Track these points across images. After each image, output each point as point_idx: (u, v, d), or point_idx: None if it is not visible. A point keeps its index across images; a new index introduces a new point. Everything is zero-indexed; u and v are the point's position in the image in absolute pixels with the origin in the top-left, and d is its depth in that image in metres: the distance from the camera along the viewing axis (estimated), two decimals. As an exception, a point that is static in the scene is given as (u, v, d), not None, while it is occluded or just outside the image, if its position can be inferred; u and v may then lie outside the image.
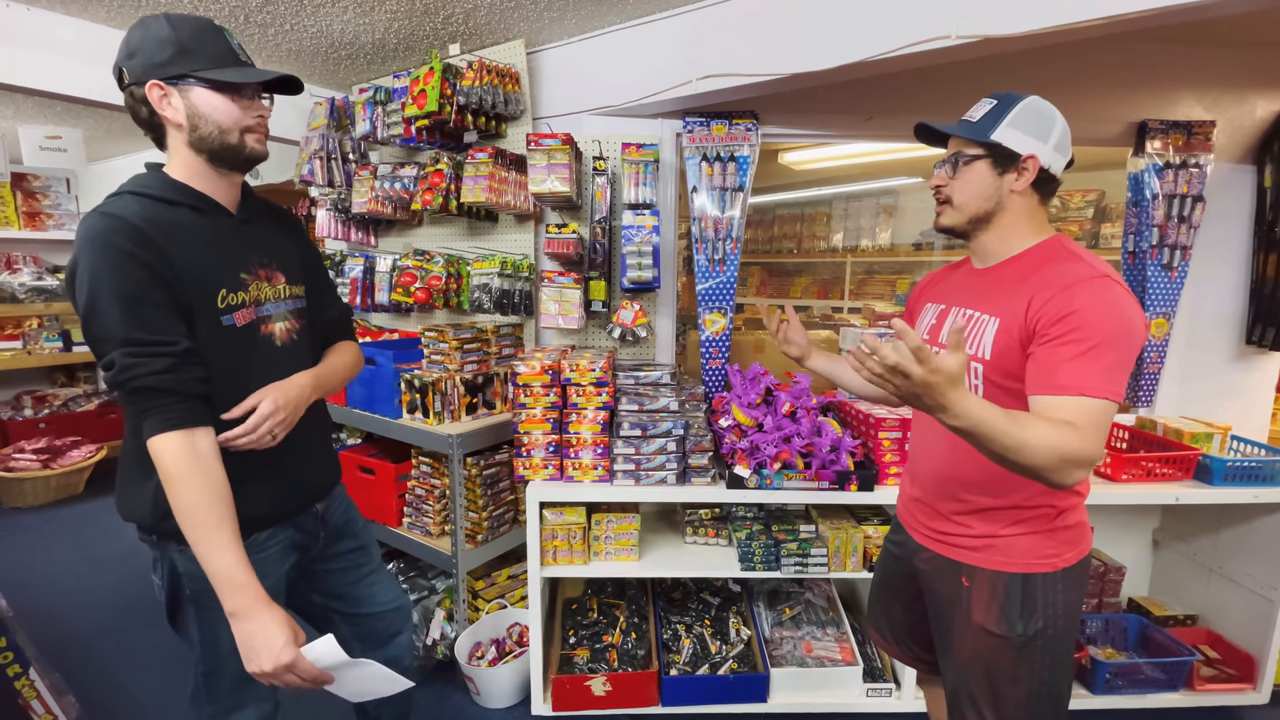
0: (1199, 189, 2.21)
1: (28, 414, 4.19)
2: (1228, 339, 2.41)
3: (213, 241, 1.10)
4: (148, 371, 0.98)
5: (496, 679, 2.06)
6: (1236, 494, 1.95)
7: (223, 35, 1.10)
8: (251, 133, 1.12)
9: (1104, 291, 1.02)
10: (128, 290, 0.98)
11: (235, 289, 1.12)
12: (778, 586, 2.41)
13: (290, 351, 1.22)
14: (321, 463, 1.33)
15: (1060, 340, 1.02)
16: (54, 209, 4.73)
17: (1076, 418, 0.96)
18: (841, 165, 3.71)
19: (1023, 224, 1.18)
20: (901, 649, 1.48)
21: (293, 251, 1.29)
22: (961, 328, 0.83)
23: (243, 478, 1.10)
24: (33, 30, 2.16)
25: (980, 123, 1.16)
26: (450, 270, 2.50)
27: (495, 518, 2.23)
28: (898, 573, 1.41)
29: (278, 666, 1.00)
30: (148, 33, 1.06)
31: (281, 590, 1.25)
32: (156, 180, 1.10)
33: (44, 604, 2.72)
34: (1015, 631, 1.15)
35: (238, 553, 1.01)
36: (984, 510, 1.19)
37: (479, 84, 2.19)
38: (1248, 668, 2.09)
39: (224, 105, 1.08)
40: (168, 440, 0.99)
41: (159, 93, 1.06)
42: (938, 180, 1.23)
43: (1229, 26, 2.04)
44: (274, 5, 2.08)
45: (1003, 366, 1.11)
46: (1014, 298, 1.11)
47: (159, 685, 2.21)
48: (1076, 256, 1.10)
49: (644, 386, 2.09)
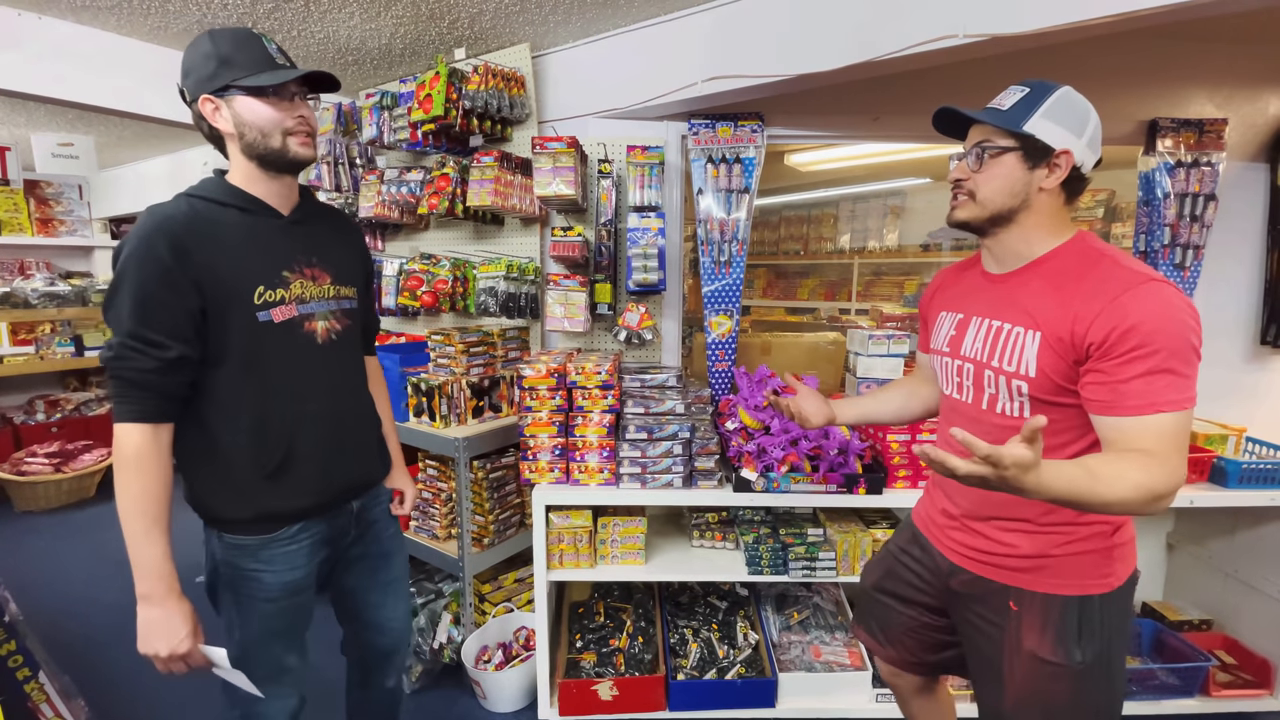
0: (1211, 187, 2.18)
1: (40, 418, 4.23)
2: (1242, 340, 2.37)
3: (256, 240, 1.16)
4: (135, 367, 1.04)
5: (503, 683, 2.06)
6: (1252, 496, 1.92)
7: (260, 41, 1.14)
8: (293, 135, 1.15)
9: (1155, 298, 0.95)
10: (146, 289, 1.04)
11: (274, 286, 1.16)
12: (785, 590, 2.40)
13: (331, 350, 1.25)
14: (361, 461, 1.35)
15: (1123, 358, 0.95)
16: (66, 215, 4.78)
17: (1155, 442, 0.92)
18: (848, 166, 3.69)
19: (1046, 224, 1.10)
20: (896, 649, 1.41)
21: (346, 254, 1.33)
22: (1039, 426, 0.79)
23: (279, 473, 1.17)
24: (44, 38, 2.18)
25: (1011, 111, 1.07)
26: (456, 274, 2.50)
27: (501, 521, 2.23)
28: (909, 583, 1.34)
29: (173, 654, 1.08)
30: (195, 50, 1.12)
31: (312, 583, 1.28)
32: (213, 184, 1.17)
33: (54, 607, 2.74)
34: (1074, 659, 1.07)
35: (165, 545, 1.08)
36: (1032, 528, 1.10)
37: (484, 88, 2.19)
38: (1264, 673, 2.05)
39: (263, 109, 1.12)
40: (132, 430, 1.05)
41: (210, 106, 1.13)
42: (959, 173, 1.13)
43: (1240, 23, 2.01)
44: (281, 11, 2.10)
45: (1051, 384, 1.04)
46: (1054, 309, 1.03)
47: (168, 690, 2.21)
48: (1112, 259, 1.03)
49: (650, 389, 2.08)
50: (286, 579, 1.21)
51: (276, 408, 1.17)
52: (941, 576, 1.26)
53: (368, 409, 1.40)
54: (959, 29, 1.57)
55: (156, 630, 1.07)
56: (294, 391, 1.19)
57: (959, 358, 1.18)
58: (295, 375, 1.19)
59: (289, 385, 1.18)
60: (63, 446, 4.02)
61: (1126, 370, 0.95)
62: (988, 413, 1.14)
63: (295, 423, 1.19)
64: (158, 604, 1.07)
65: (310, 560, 1.25)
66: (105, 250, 5.02)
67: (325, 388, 1.24)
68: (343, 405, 1.29)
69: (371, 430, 1.40)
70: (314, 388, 1.22)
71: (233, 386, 1.14)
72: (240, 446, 1.15)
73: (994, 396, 1.12)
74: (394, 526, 1.48)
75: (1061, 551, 1.08)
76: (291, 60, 1.19)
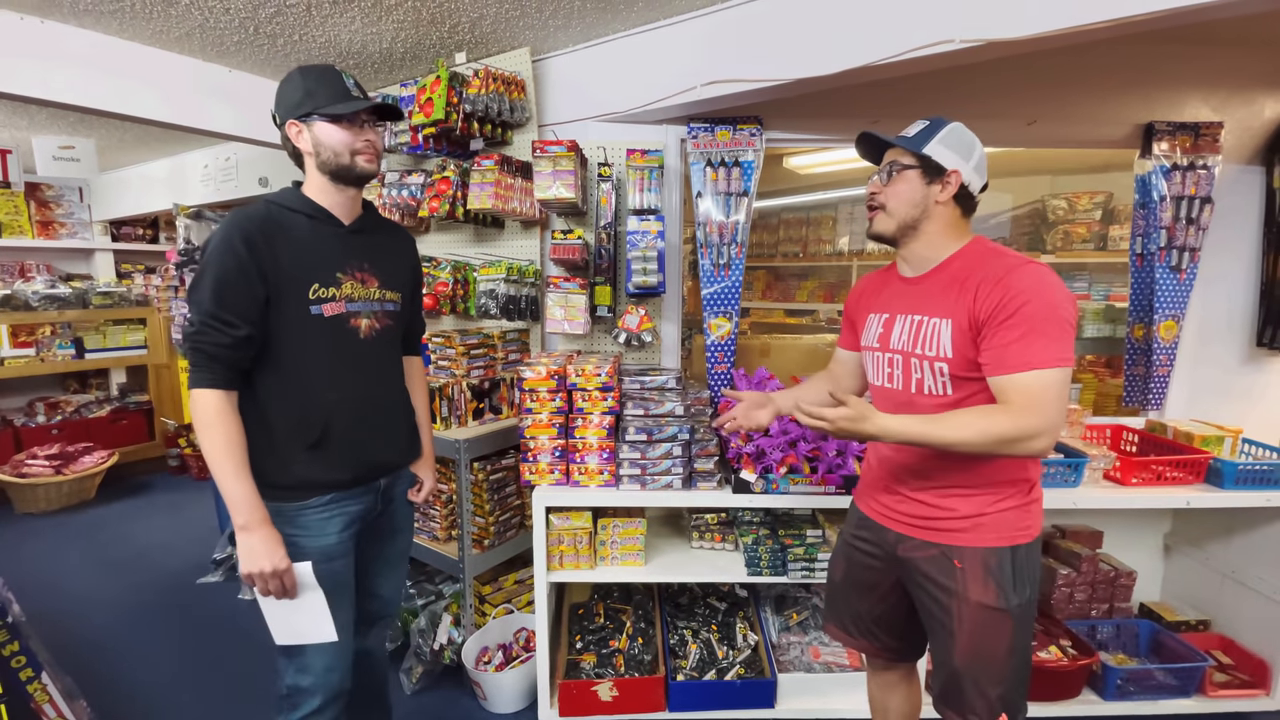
0: (1207, 190, 2.19)
1: (40, 420, 4.24)
2: (1238, 341, 2.38)
3: (317, 244, 1.34)
4: (212, 342, 1.21)
5: (503, 684, 2.06)
6: (1248, 498, 1.93)
7: (340, 77, 1.32)
8: (360, 154, 1.33)
9: (1032, 275, 1.15)
10: (225, 275, 1.22)
11: (328, 285, 1.33)
12: (785, 591, 2.41)
13: (372, 344, 1.41)
14: (390, 444, 1.49)
15: (1005, 324, 1.15)
16: (67, 218, 4.81)
17: (1020, 395, 1.12)
18: (847, 169, 3.71)
19: (947, 232, 1.30)
20: (868, 640, 1.51)
21: (396, 263, 1.49)
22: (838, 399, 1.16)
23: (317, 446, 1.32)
24: (46, 42, 2.19)
25: (915, 137, 1.28)
26: (457, 276, 2.51)
27: (502, 523, 2.24)
28: (866, 566, 1.44)
29: (275, 569, 1.24)
30: (286, 83, 1.32)
31: (342, 554, 1.39)
32: (288, 193, 1.37)
33: (56, 608, 2.75)
34: (1011, 603, 1.23)
35: (251, 483, 1.24)
36: (966, 491, 1.26)
37: (485, 92, 2.20)
38: (1261, 673, 2.06)
39: (337, 133, 1.30)
40: (209, 395, 1.22)
41: (295, 129, 1.32)
42: (873, 188, 1.34)
43: (1235, 27, 2.03)
44: (283, 16, 2.11)
45: (965, 359, 1.22)
46: (959, 297, 1.22)
47: (170, 690, 2.22)
48: (999, 252, 1.25)
49: (649, 391, 2.09)
50: (320, 544, 1.34)
51: (319, 389, 1.33)
52: (890, 548, 1.38)
53: (401, 399, 1.54)
54: (955, 34, 1.58)
55: (259, 551, 1.23)
56: (335, 377, 1.35)
57: (889, 350, 1.35)
58: (338, 363, 1.35)
59: (332, 371, 1.34)
60: (63, 448, 4.03)
61: (1007, 335, 1.14)
62: (917, 395, 1.31)
63: (335, 404, 1.34)
64: (256, 529, 1.23)
65: (341, 530, 1.38)
66: (106, 253, 5.03)
67: (363, 377, 1.40)
68: (377, 394, 1.44)
69: (403, 419, 1.54)
70: (353, 376, 1.38)
71: (285, 367, 1.30)
72: (286, 419, 1.31)
73: (920, 380, 1.30)
74: (409, 509, 1.62)
75: (993, 509, 1.25)
76: (366, 94, 1.37)
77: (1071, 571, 2.27)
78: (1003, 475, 1.25)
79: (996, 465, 1.24)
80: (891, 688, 1.59)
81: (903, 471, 1.34)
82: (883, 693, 1.61)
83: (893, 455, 1.36)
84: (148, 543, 3.43)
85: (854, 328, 1.53)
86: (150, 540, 3.46)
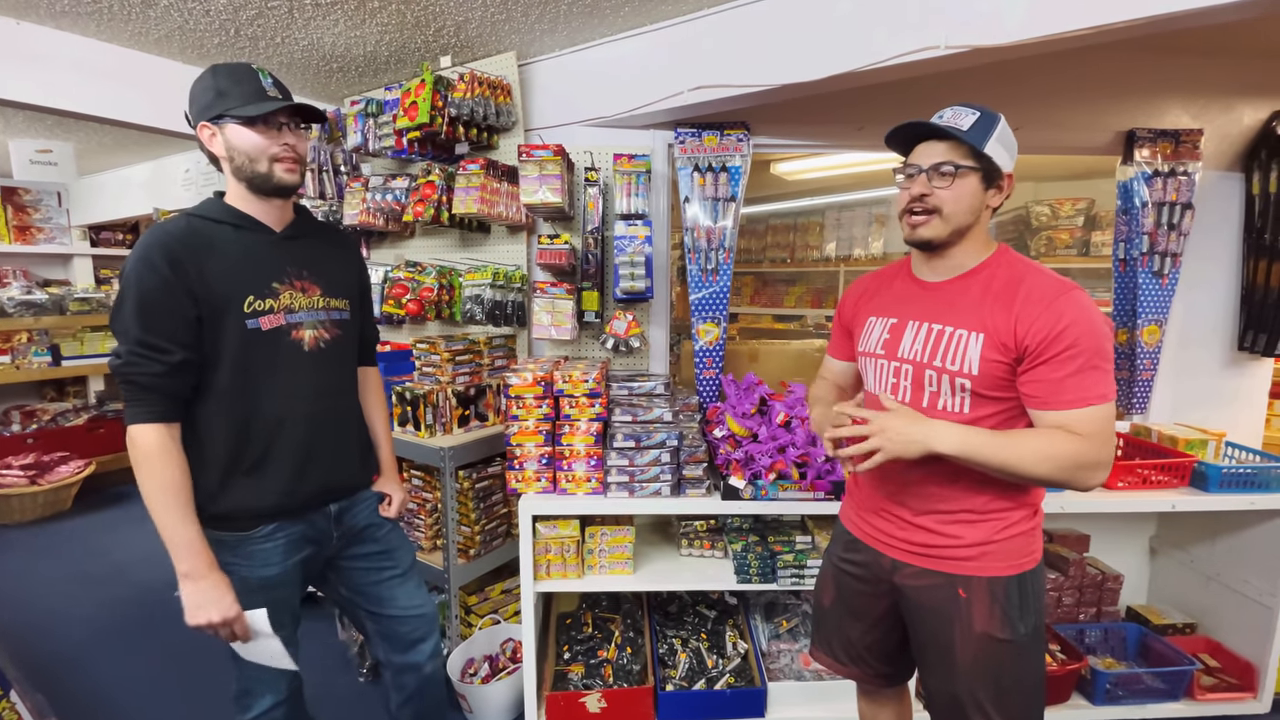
0: (1188, 196, 2.22)
1: (15, 429, 4.14)
2: (1220, 345, 2.41)
3: (247, 255, 1.25)
4: (143, 372, 1.13)
5: (490, 696, 2.03)
6: (1233, 501, 1.94)
7: (255, 75, 1.23)
8: (279, 161, 1.24)
9: (1080, 304, 1.08)
10: (149, 297, 1.13)
11: (264, 296, 1.24)
12: (775, 599, 2.39)
13: (319, 356, 1.32)
14: (342, 467, 1.40)
15: (1057, 358, 1.07)
16: (44, 223, 4.72)
17: (1085, 426, 1.05)
18: (833, 175, 3.72)
19: (982, 238, 1.21)
20: (859, 668, 1.43)
21: (339, 269, 1.41)
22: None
23: (254, 470, 1.24)
24: (22, 45, 2.15)
25: (972, 131, 1.12)
26: (442, 281, 2.49)
27: (488, 531, 2.21)
28: (857, 592, 1.36)
29: (225, 618, 1.16)
30: (198, 83, 1.23)
31: (293, 580, 1.33)
32: (209, 204, 1.27)
33: (29, 623, 2.67)
34: (1019, 633, 1.17)
35: (196, 526, 1.17)
36: (974, 518, 1.19)
37: (470, 96, 2.19)
38: (1248, 676, 2.07)
39: (251, 137, 1.21)
40: (146, 431, 1.14)
41: (208, 132, 1.23)
42: (921, 188, 1.16)
43: (1215, 36, 2.06)
44: (264, 19, 2.08)
45: (992, 378, 1.13)
46: (994, 311, 1.13)
47: (144, 707, 2.16)
48: (1036, 267, 1.16)
49: (638, 397, 2.07)
50: (261, 574, 1.27)
51: (259, 409, 1.24)
52: (884, 574, 1.30)
53: (352, 415, 1.45)
54: (941, 40, 1.59)
55: (208, 599, 1.16)
56: (277, 395, 1.26)
57: (896, 359, 1.24)
58: (279, 380, 1.26)
59: (273, 389, 1.26)
60: (39, 458, 3.94)
61: (1060, 369, 1.07)
62: (928, 410, 1.20)
63: (275, 424, 1.26)
64: (203, 577, 1.16)
65: (285, 558, 1.30)
66: (84, 258, 4.94)
67: (308, 393, 1.31)
68: (324, 410, 1.34)
69: (353, 437, 1.45)
70: (297, 392, 1.29)
71: (222, 389, 1.21)
72: (223, 444, 1.22)
73: (935, 394, 1.19)
74: (390, 525, 1.54)
75: (1001, 536, 1.18)
76: (287, 93, 1.27)
77: (1059, 575, 2.27)
78: (1013, 499, 1.18)
79: (1009, 489, 1.17)
80: (882, 706, 1.54)
81: (902, 493, 1.25)
82: (873, 709, 1.56)
83: (893, 473, 1.24)
84: (125, 555, 3.35)
85: (849, 334, 1.41)
86: (127, 553, 3.38)
